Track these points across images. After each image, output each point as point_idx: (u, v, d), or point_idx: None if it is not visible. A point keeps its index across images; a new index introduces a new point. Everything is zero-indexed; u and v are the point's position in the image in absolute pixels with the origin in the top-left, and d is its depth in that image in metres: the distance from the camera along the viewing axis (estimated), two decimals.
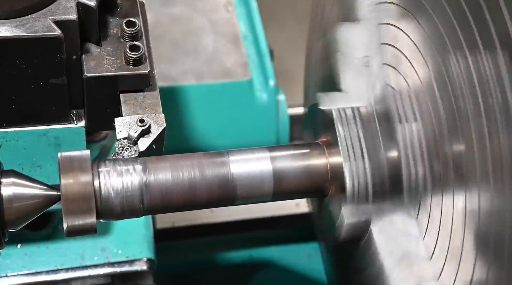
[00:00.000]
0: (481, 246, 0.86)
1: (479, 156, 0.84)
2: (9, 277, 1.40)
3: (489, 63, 0.81)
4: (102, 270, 1.43)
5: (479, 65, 0.83)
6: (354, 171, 1.04)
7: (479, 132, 0.83)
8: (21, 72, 1.03)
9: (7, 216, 0.96)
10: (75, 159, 0.97)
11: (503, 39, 0.79)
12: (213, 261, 1.90)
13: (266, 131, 1.85)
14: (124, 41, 1.09)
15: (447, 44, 0.90)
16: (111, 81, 1.07)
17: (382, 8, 1.08)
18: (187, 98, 1.83)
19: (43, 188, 0.98)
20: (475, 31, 0.84)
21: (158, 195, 1.00)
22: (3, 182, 0.96)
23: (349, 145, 1.05)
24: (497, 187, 0.81)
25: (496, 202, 0.82)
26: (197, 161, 1.03)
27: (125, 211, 0.99)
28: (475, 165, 0.85)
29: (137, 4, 1.13)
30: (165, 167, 1.01)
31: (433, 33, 0.93)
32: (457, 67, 0.87)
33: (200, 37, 1.93)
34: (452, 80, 0.88)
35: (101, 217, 0.98)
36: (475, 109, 0.84)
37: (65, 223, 0.95)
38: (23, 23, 1.00)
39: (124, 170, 0.99)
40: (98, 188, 0.97)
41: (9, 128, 1.12)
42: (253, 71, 1.89)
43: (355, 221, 1.07)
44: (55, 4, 1.02)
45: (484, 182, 0.84)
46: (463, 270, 0.90)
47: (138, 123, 1.04)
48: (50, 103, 1.10)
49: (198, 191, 1.02)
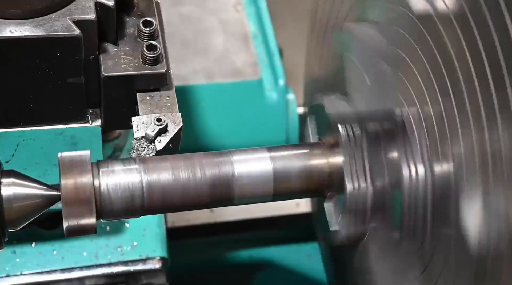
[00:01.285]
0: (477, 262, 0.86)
1: (479, 161, 0.84)
2: (24, 275, 1.41)
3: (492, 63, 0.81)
4: (115, 268, 1.44)
5: (483, 70, 0.83)
6: (354, 171, 1.04)
7: (480, 136, 0.84)
8: (39, 72, 1.04)
9: (7, 216, 0.95)
10: (75, 159, 0.97)
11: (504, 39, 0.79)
12: (213, 261, 1.90)
13: (276, 130, 1.86)
14: (141, 40, 1.09)
15: (449, 46, 0.90)
16: (128, 80, 1.07)
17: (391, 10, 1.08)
18: (197, 97, 1.83)
19: (43, 188, 0.98)
20: (475, 29, 0.84)
21: (158, 195, 1.00)
22: (3, 182, 0.96)
23: (350, 146, 1.05)
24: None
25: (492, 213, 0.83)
26: (197, 161, 1.03)
27: (125, 211, 0.99)
28: (475, 170, 0.85)
29: (153, 3, 1.14)
30: (165, 167, 1.01)
31: (436, 37, 0.93)
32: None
33: (210, 36, 1.94)
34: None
35: (101, 217, 0.98)
36: (476, 113, 0.84)
37: (65, 223, 0.95)
38: (43, 22, 1.00)
39: (124, 170, 0.99)
40: (98, 188, 0.97)
41: (26, 128, 1.12)
42: (262, 71, 1.89)
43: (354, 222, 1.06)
44: (74, 4, 1.02)
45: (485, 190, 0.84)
46: (460, 279, 0.90)
47: (155, 122, 1.05)
48: (67, 103, 1.10)
49: (198, 191, 1.01)
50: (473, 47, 0.84)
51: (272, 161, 1.05)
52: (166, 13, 1.93)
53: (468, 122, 0.86)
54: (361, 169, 1.04)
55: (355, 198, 1.04)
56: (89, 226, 0.96)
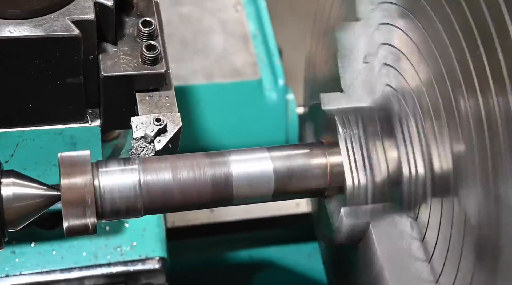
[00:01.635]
0: (479, 250, 0.86)
1: (479, 157, 0.84)
2: (23, 275, 1.41)
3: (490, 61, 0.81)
4: (115, 268, 1.44)
5: (479, 64, 0.83)
6: (354, 171, 1.04)
7: (480, 132, 0.84)
8: (38, 72, 1.04)
9: (7, 216, 0.95)
10: (75, 159, 0.97)
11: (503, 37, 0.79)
12: (213, 261, 1.90)
13: (276, 130, 1.86)
14: (140, 40, 1.09)
15: (447, 44, 0.90)
16: (128, 80, 1.07)
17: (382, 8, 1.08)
18: (197, 97, 1.83)
19: (43, 188, 0.98)
20: (475, 30, 0.84)
21: (158, 195, 1.00)
22: (3, 182, 0.96)
23: (349, 145, 1.05)
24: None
25: (493, 208, 0.83)
26: (197, 161, 1.03)
27: (125, 211, 0.99)
28: (475, 166, 0.85)
29: (152, 3, 1.14)
30: (165, 167, 1.01)
31: (432, 33, 0.94)
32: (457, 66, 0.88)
33: (209, 36, 1.94)
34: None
35: (101, 217, 0.98)
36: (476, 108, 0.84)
37: (65, 223, 0.95)
38: (42, 22, 1.00)
39: (124, 170, 0.99)
40: (98, 188, 0.97)
41: (25, 128, 1.12)
42: (262, 71, 1.89)
43: (354, 222, 1.06)
44: (73, 4, 1.02)
45: (483, 185, 0.84)
46: (462, 271, 0.90)
47: (154, 122, 1.05)
48: (67, 103, 1.10)
49: (198, 191, 1.01)
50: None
51: (272, 161, 1.05)
52: (165, 13, 1.93)
53: (468, 122, 0.86)
54: (361, 166, 1.04)
55: (355, 196, 1.04)
56: (89, 226, 0.96)
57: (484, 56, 0.82)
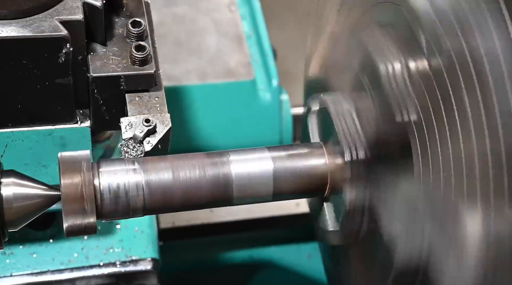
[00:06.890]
0: None
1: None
2: (14, 276, 1.41)
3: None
4: (106, 269, 1.43)
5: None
6: (355, 171, 1.04)
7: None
8: (27, 72, 1.03)
9: (7, 216, 0.95)
10: (75, 159, 0.97)
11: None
12: (213, 261, 1.90)
13: (270, 131, 1.86)
14: (130, 41, 1.09)
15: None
16: (117, 81, 1.07)
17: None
18: (190, 98, 1.83)
19: (43, 188, 0.98)
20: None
21: (158, 195, 1.00)
22: (3, 182, 0.96)
23: (349, 145, 1.05)
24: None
25: None
26: (197, 161, 1.03)
27: (125, 211, 0.99)
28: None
29: (142, 4, 1.14)
30: (165, 167, 1.01)
31: None
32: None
33: (203, 37, 1.93)
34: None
35: (101, 217, 0.98)
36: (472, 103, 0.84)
37: (65, 223, 0.95)
38: (30, 23, 1.00)
39: (124, 169, 0.99)
40: (98, 188, 0.97)
41: (14, 128, 1.12)
42: (256, 71, 1.89)
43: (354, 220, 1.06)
44: (61, 4, 1.02)
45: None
46: None
47: (143, 123, 1.05)
48: (56, 103, 1.10)
49: (198, 191, 1.01)
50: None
51: (272, 160, 1.05)
52: (159, 13, 1.94)
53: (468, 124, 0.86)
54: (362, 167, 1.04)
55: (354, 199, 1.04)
56: (89, 226, 0.96)
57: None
